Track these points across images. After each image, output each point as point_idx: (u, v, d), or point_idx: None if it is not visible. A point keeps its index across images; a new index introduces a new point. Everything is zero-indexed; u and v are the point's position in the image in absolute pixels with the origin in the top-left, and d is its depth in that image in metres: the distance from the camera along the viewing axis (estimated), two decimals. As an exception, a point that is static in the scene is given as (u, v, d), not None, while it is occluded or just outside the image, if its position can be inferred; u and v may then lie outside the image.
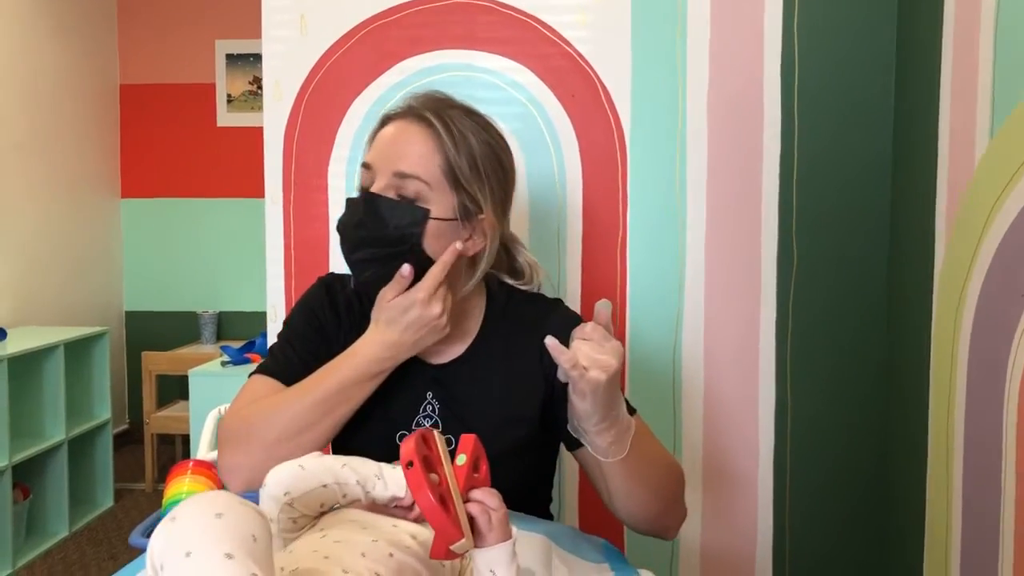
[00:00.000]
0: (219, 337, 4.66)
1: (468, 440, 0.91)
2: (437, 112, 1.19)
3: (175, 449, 4.35)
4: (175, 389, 4.38)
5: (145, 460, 4.12)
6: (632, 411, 1.26)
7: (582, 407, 1.06)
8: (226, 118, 4.70)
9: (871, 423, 1.68)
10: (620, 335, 1.71)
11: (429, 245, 1.17)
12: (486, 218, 1.22)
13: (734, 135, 1.67)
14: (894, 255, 1.63)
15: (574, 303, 1.71)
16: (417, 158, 1.16)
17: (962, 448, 1.32)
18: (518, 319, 1.29)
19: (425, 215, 1.16)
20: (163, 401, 4.27)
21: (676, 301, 1.70)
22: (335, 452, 1.32)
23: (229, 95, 4.70)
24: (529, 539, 1.07)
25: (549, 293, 1.74)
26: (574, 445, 1.25)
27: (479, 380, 1.25)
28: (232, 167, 4.62)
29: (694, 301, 1.70)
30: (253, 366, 1.33)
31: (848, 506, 1.70)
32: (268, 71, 1.76)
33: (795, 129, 1.65)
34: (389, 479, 0.95)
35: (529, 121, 1.70)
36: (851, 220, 1.67)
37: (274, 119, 1.77)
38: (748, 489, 1.71)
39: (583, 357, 1.03)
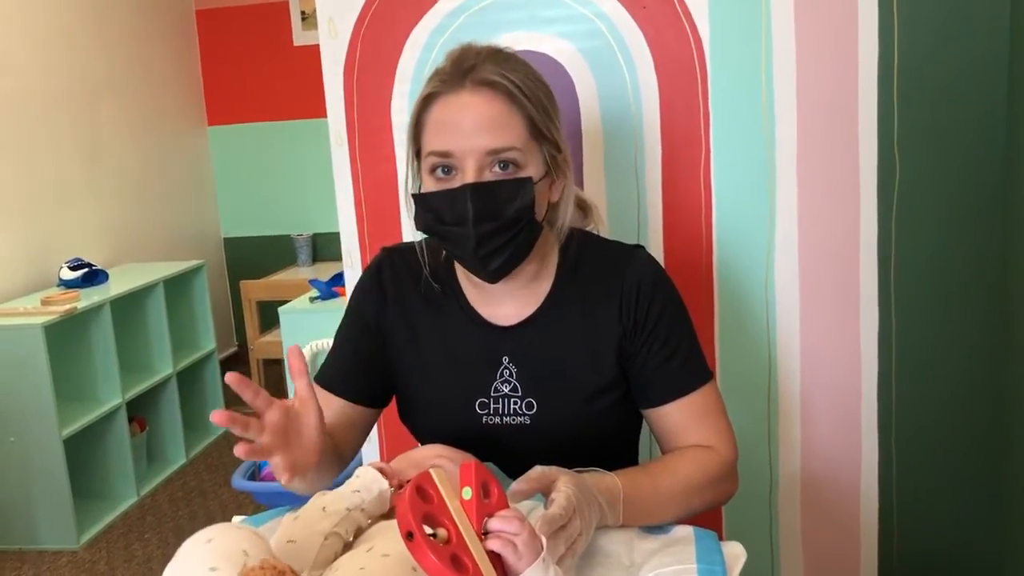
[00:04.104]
0: (315, 259, 4.72)
1: (468, 469, 0.84)
2: (495, 69, 1.08)
3: (282, 370, 4.46)
4: (276, 314, 4.47)
5: (253, 384, 4.25)
6: (707, 377, 1.19)
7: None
8: (302, 36, 4.64)
9: (985, 352, 1.53)
10: (707, 265, 1.61)
11: (537, 210, 1.12)
12: (563, 155, 1.15)
13: (826, 38, 1.50)
14: (1010, 164, 1.46)
15: (655, 236, 1.61)
16: (503, 128, 1.07)
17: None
18: (593, 269, 1.22)
19: (530, 183, 1.09)
20: (267, 326, 4.36)
21: (767, 226, 1.57)
22: (415, 431, 1.28)
23: (303, 12, 4.62)
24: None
25: (628, 227, 1.65)
26: (644, 404, 1.20)
27: (555, 339, 1.20)
28: (312, 87, 4.55)
29: (786, 225, 1.56)
30: (342, 301, 1.34)
31: (958, 437, 1.57)
32: (321, 8, 1.68)
33: (895, 28, 1.47)
34: (366, 482, 0.99)
35: (598, 39, 1.58)
36: (960, 130, 1.48)
37: (331, 58, 1.69)
38: (850, 423, 1.60)
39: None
